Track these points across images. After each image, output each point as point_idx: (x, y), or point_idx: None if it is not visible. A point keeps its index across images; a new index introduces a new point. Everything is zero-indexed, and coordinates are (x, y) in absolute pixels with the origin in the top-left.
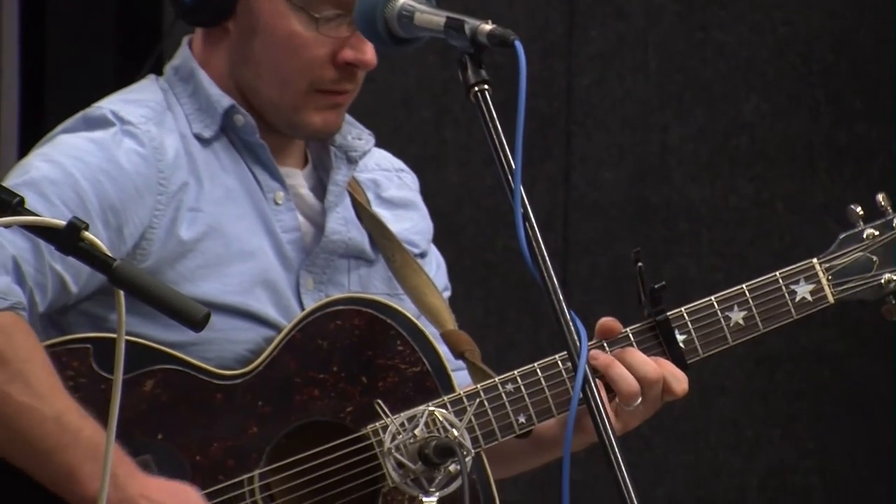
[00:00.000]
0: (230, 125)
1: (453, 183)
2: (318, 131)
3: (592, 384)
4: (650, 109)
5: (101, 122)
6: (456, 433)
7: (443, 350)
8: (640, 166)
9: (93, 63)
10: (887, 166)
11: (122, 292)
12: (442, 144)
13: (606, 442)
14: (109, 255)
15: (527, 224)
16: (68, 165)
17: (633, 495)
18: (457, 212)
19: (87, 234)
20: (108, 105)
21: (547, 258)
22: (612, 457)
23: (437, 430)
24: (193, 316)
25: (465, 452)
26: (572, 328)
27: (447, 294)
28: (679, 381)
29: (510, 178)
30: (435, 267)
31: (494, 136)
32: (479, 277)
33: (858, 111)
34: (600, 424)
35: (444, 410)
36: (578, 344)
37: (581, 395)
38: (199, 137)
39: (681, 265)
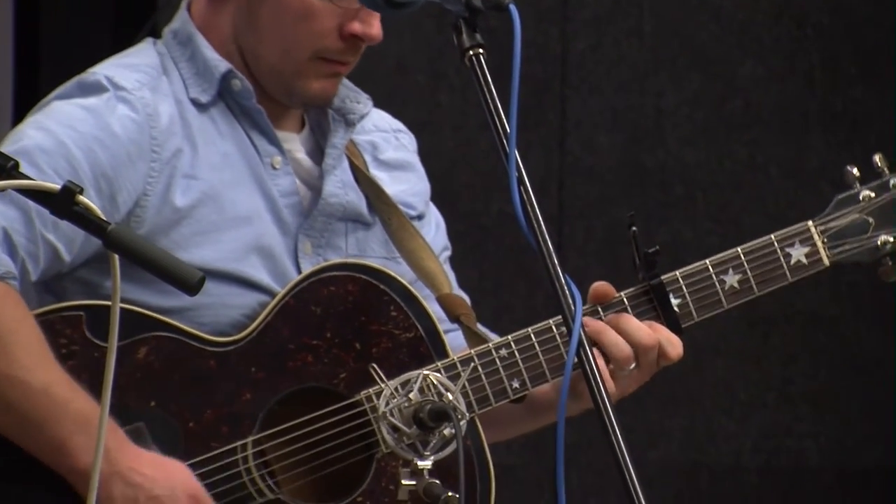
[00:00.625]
0: (227, 90)
1: (448, 147)
2: (315, 98)
3: (587, 348)
4: (645, 74)
5: (95, 88)
6: (450, 397)
7: (436, 311)
8: (634, 131)
9: (88, 33)
10: (882, 131)
11: (117, 257)
12: (437, 109)
13: (601, 405)
14: (104, 219)
15: (522, 188)
16: (60, 134)
17: (627, 458)
18: (452, 176)
19: (81, 198)
20: (102, 70)
21: (542, 222)
22: (607, 420)
23: (432, 394)
24: (188, 279)
25: (459, 416)
26: (567, 292)
27: (447, 254)
28: (674, 345)
29: (505, 142)
30: (434, 227)
31: (489, 101)
32: (474, 242)
33: (854, 76)
34: (594, 388)
35: (438, 374)
36: (573, 308)
37: (575, 360)
38: (195, 102)
39: (675, 229)
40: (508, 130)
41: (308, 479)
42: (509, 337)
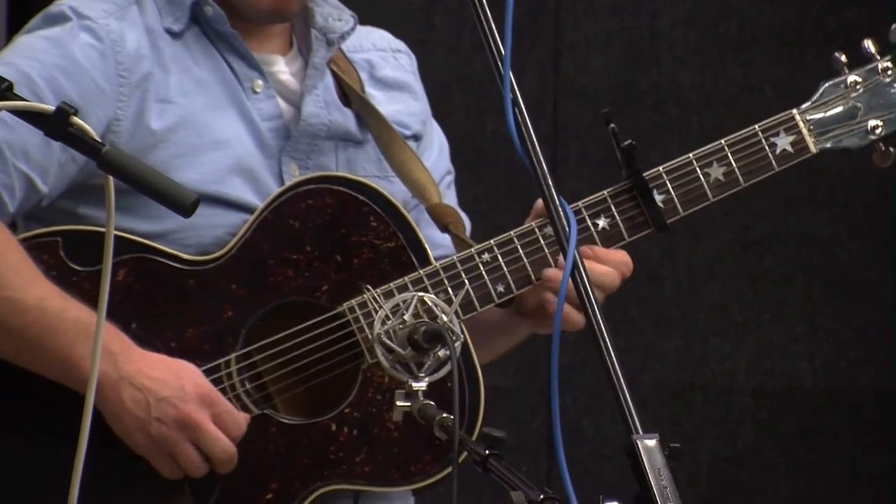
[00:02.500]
0: (201, 16)
1: (442, 68)
2: (269, 13)
3: (582, 270)
4: None
5: (59, 18)
6: (445, 319)
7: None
8: (629, 52)
9: None
10: None
11: (111, 179)
12: (431, 30)
13: (595, 327)
14: (98, 140)
15: (516, 110)
16: (23, 65)
17: (621, 380)
18: (446, 97)
19: (76, 119)
20: (68, 1)
21: (536, 144)
22: (601, 341)
23: (427, 315)
24: (183, 201)
25: (454, 338)
26: (561, 213)
27: (450, 178)
28: (628, 265)
29: (500, 63)
30: (437, 150)
31: (484, 21)
32: (469, 163)
33: None
34: (589, 309)
35: (433, 296)
36: (567, 229)
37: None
38: (169, 31)
39: (670, 150)
40: (503, 51)
41: (294, 393)
42: (492, 241)
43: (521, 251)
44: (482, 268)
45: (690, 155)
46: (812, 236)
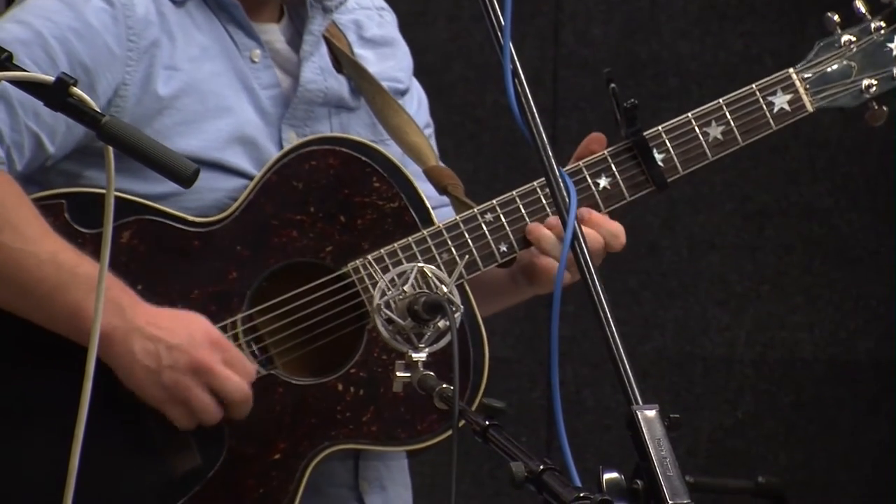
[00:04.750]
0: None
1: (443, 39)
2: None
3: (582, 241)
4: None
5: None
6: (445, 289)
7: (422, 188)
8: (629, 22)
9: None
10: None
11: (111, 149)
12: (431, 0)
13: (595, 297)
14: (98, 110)
15: (516, 80)
16: (37, 25)
17: (621, 351)
18: (446, 68)
19: (75, 89)
20: None
21: (536, 114)
22: (601, 312)
23: (427, 286)
24: (182, 172)
25: (454, 309)
26: (561, 184)
27: (429, 130)
28: (617, 236)
29: (499, 34)
30: (416, 104)
31: None
32: (469, 134)
33: None
34: (588, 279)
35: (433, 267)
36: (568, 199)
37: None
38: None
39: (670, 121)
40: (503, 22)
41: (301, 353)
42: (494, 201)
43: (522, 210)
44: (485, 227)
45: (689, 114)
46: (812, 207)
